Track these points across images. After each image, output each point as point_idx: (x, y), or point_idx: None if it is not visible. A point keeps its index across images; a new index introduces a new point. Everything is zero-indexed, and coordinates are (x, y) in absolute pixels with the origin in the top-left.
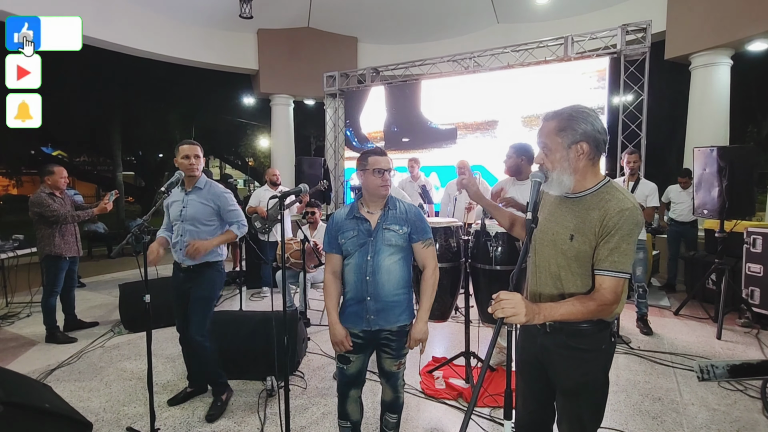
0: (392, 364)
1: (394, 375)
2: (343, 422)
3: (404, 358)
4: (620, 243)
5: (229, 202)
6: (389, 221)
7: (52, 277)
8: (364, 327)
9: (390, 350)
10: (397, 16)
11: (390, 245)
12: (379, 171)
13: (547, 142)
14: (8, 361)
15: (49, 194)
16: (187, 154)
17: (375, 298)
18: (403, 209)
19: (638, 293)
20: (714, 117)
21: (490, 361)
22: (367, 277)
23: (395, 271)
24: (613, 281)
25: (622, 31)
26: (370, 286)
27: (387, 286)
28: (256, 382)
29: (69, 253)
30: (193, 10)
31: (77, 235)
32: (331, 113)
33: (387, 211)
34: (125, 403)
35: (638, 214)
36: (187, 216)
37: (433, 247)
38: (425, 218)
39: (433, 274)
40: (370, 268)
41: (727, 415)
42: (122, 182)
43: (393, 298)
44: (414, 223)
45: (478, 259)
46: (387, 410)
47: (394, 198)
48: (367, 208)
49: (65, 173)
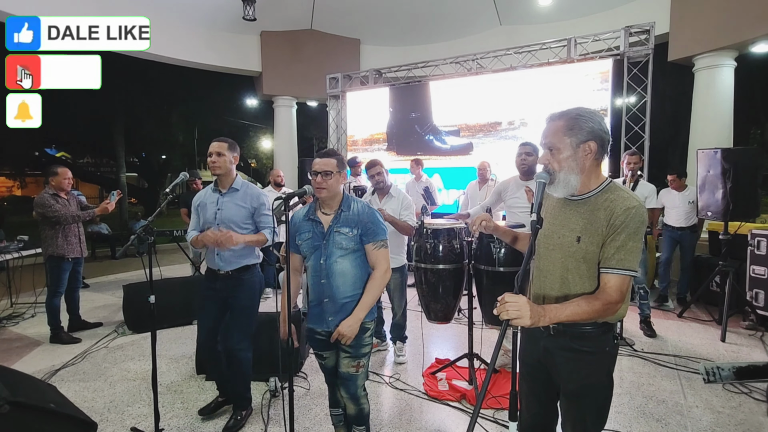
0: (350, 365)
1: (352, 379)
2: (334, 410)
3: (363, 359)
4: (627, 241)
5: (266, 205)
6: (340, 224)
7: (56, 277)
8: (326, 327)
9: (348, 348)
10: (400, 18)
11: (341, 248)
12: (314, 173)
13: (555, 142)
14: (13, 362)
15: (53, 195)
16: (210, 151)
17: (332, 299)
18: (357, 210)
19: (640, 294)
20: (718, 119)
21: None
22: (322, 281)
23: (349, 272)
24: (618, 279)
25: (626, 32)
26: (326, 289)
27: (342, 288)
28: (259, 382)
29: (72, 254)
30: (197, 12)
31: (81, 236)
32: (334, 115)
33: (340, 213)
34: (129, 404)
35: (644, 212)
36: (223, 218)
37: (386, 249)
38: (379, 219)
39: (382, 276)
40: (324, 272)
41: (732, 418)
42: (125, 183)
43: (348, 300)
44: (365, 225)
45: (482, 261)
46: (353, 423)
47: (350, 198)
48: (322, 209)
49: (69, 174)
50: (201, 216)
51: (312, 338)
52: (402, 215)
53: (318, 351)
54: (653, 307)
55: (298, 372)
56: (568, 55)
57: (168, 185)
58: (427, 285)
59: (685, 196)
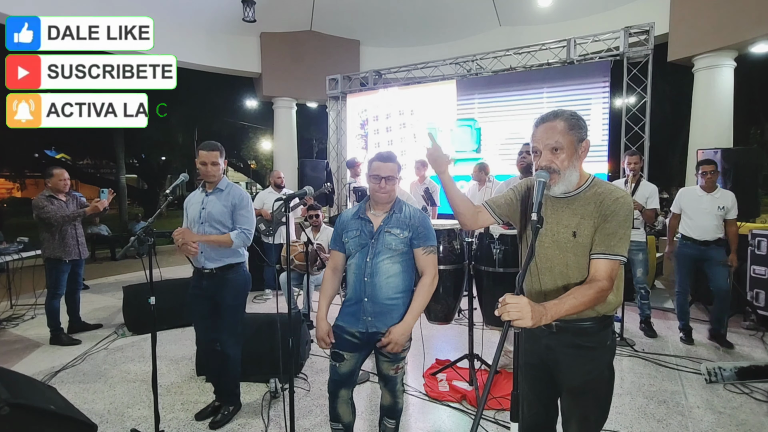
0: (389, 368)
1: (392, 379)
2: (335, 424)
3: (402, 362)
4: (617, 228)
5: (244, 204)
6: (392, 224)
7: (54, 279)
8: (361, 328)
9: (387, 353)
10: (400, 19)
11: (390, 248)
12: (376, 177)
13: (560, 140)
14: (13, 363)
15: (49, 197)
16: (204, 161)
17: (372, 299)
18: (408, 213)
19: (640, 294)
20: (717, 119)
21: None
22: (365, 279)
23: (394, 274)
24: (608, 264)
25: (625, 33)
26: (368, 288)
27: (384, 288)
28: (259, 384)
29: (69, 256)
30: (197, 14)
31: (79, 237)
32: (334, 116)
33: (392, 214)
34: (129, 405)
35: (631, 201)
36: (207, 216)
37: (435, 255)
38: (430, 225)
39: (431, 282)
40: (369, 270)
41: (733, 418)
42: (125, 185)
43: (391, 302)
44: (416, 229)
45: (482, 262)
46: (385, 415)
47: (401, 201)
48: (372, 210)
49: (66, 175)
50: (189, 215)
51: (339, 337)
52: None
53: (340, 350)
54: (654, 308)
55: (299, 373)
56: (568, 56)
57: (168, 187)
58: None
59: (716, 199)
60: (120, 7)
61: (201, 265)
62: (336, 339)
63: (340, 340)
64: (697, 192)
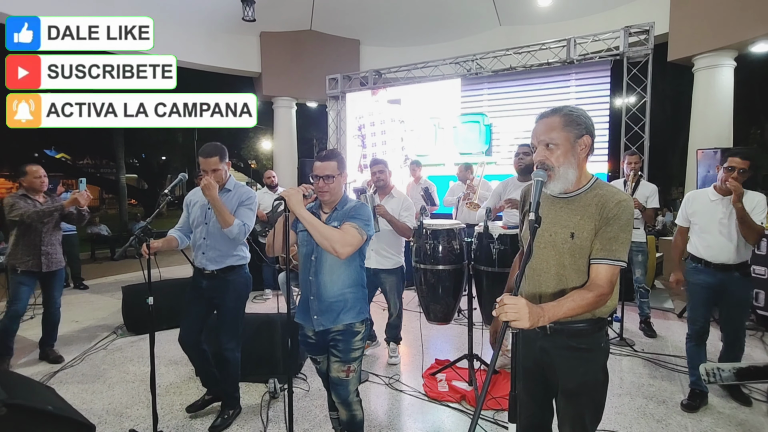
0: (339, 369)
1: (342, 384)
2: (333, 413)
3: (354, 364)
4: (619, 232)
5: (249, 202)
6: (332, 221)
7: (10, 292)
8: (313, 327)
9: (337, 352)
10: (399, 19)
11: None
12: (315, 177)
13: (554, 137)
14: (11, 363)
15: (23, 195)
16: (204, 168)
17: (318, 297)
18: (350, 207)
19: (640, 293)
20: (717, 119)
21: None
22: (310, 277)
23: (339, 270)
24: (609, 270)
25: (625, 33)
26: (313, 286)
27: (330, 286)
28: (258, 384)
29: (23, 266)
30: (196, 13)
31: (45, 246)
32: (334, 116)
33: (334, 212)
34: (128, 406)
35: (632, 205)
36: (213, 216)
37: (356, 231)
38: (366, 212)
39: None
40: (313, 268)
41: (732, 419)
42: (125, 185)
43: (337, 298)
44: (348, 213)
45: (481, 262)
46: (346, 430)
47: (347, 199)
48: (323, 209)
49: (42, 172)
50: (191, 213)
51: (304, 342)
52: (401, 216)
53: (311, 355)
54: (654, 308)
55: (298, 373)
56: (568, 56)
57: (167, 186)
58: (426, 286)
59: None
60: (120, 7)
61: (202, 266)
62: (303, 344)
63: (307, 345)
64: (710, 196)
